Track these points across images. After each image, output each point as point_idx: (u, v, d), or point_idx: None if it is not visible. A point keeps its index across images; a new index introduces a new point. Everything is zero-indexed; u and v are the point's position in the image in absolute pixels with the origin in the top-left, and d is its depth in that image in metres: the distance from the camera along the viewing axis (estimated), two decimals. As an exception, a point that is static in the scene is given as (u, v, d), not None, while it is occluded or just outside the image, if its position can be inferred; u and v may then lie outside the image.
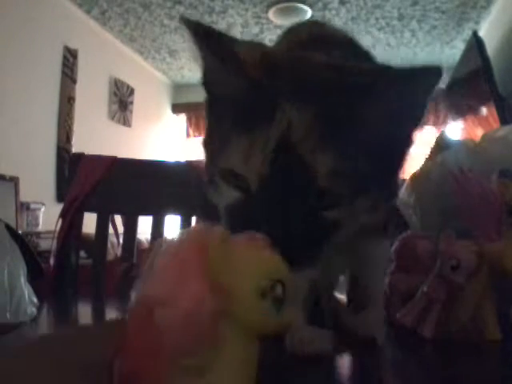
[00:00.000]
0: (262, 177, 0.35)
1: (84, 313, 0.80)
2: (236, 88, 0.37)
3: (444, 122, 3.77)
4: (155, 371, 0.23)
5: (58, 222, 0.93)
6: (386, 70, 0.38)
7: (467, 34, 3.11)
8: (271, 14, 3.09)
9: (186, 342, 0.23)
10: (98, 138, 3.24)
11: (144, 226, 1.01)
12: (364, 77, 0.37)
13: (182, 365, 0.23)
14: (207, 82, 0.41)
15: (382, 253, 0.54)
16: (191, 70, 4.22)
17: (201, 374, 0.24)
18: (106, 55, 3.54)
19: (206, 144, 0.43)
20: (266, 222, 0.34)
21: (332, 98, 0.36)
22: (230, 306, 0.24)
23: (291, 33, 0.56)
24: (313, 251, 0.37)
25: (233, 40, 0.40)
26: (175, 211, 0.97)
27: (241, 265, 0.25)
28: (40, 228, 2.63)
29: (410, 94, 0.37)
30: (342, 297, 0.60)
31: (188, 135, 4.67)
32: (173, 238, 0.28)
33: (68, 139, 3.01)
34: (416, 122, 0.39)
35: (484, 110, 1.96)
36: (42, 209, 2.70)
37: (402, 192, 0.74)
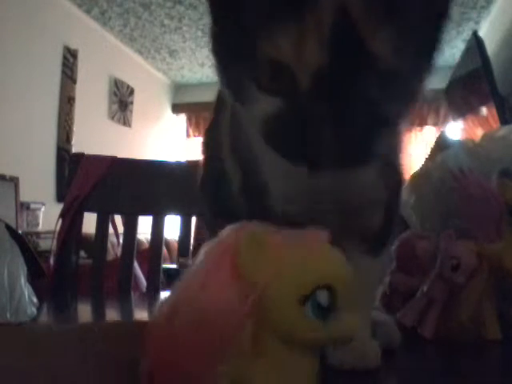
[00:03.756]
0: (320, 69, 0.28)
1: (84, 313, 0.80)
2: None
3: (444, 122, 3.78)
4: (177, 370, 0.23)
5: (57, 221, 0.93)
6: None
7: (467, 34, 3.11)
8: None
9: (210, 343, 0.23)
10: (98, 138, 3.24)
11: (144, 226, 1.01)
12: None
13: (218, 371, 0.22)
14: None
15: (366, 271, 0.40)
16: (191, 70, 4.22)
17: None
18: (106, 55, 3.54)
19: (221, 46, 0.34)
20: (324, 129, 0.28)
21: None
22: (265, 311, 0.23)
23: None
24: (369, 149, 0.31)
25: None
26: (175, 211, 0.97)
27: (276, 267, 0.23)
28: (40, 228, 2.64)
29: None
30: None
31: (188, 135, 4.67)
32: (216, 239, 0.26)
33: (68, 139, 3.01)
34: None
35: (484, 110, 1.96)
36: (42, 209, 2.71)
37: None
